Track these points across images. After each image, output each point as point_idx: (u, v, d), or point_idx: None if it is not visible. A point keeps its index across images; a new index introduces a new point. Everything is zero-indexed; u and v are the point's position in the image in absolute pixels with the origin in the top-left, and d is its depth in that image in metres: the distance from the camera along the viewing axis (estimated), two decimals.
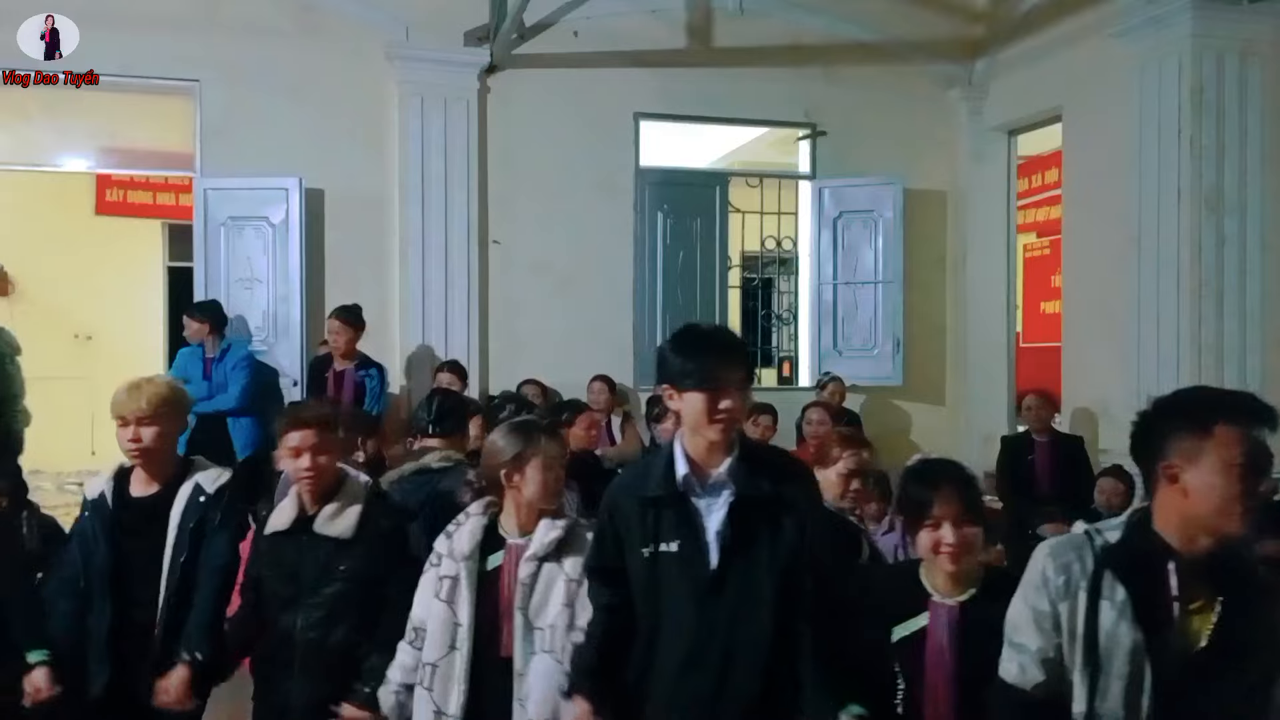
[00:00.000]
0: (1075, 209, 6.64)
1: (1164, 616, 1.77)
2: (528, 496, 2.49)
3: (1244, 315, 5.50)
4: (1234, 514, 1.74)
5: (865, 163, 7.26)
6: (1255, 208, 5.52)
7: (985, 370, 7.51)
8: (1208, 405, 1.81)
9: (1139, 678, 1.77)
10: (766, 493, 2.09)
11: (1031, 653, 1.86)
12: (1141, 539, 1.81)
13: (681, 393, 2.08)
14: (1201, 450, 1.75)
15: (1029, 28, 6.80)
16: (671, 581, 2.12)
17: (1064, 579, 1.82)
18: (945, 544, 2.10)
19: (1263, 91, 5.50)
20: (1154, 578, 1.78)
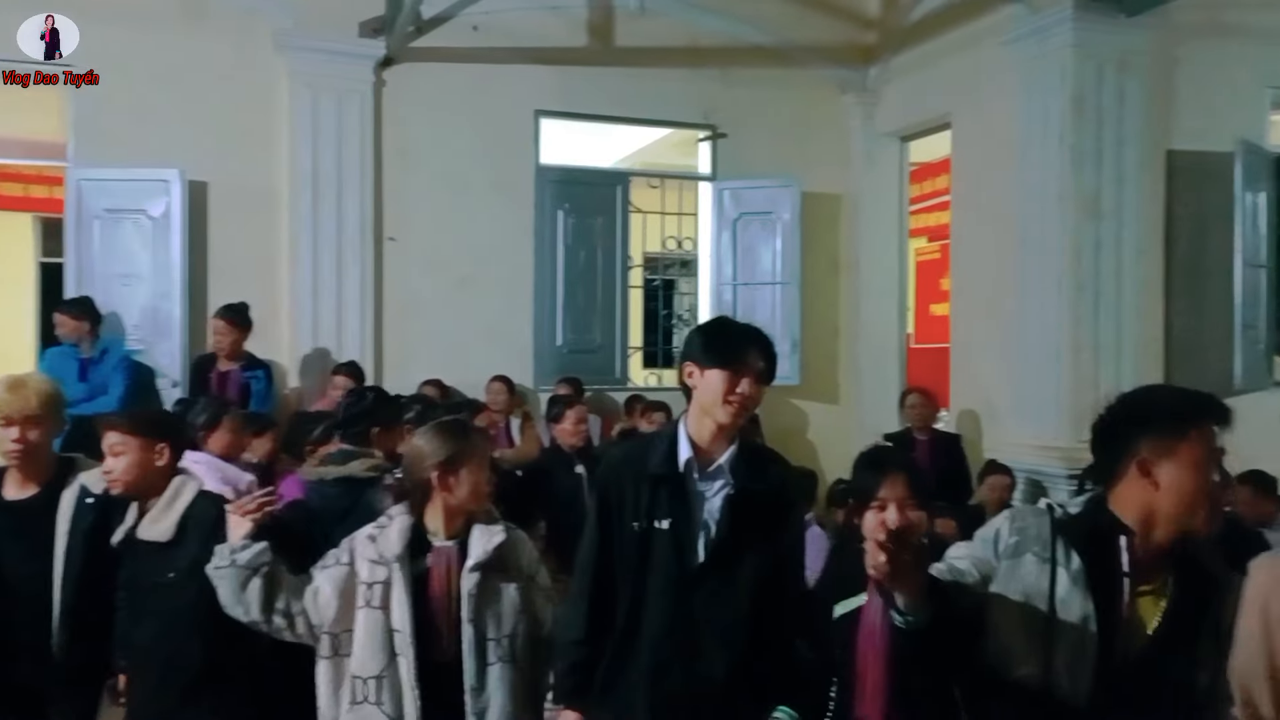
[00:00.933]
0: (963, 213, 6.85)
1: (1114, 590, 1.85)
2: (459, 499, 2.42)
3: (1119, 316, 5.75)
4: (1200, 511, 1.85)
5: (763, 165, 7.35)
6: (1131, 212, 5.77)
7: (878, 370, 7.68)
8: (1185, 406, 1.91)
9: (1086, 647, 1.84)
10: (765, 488, 2.16)
11: (952, 562, 1.97)
12: (1097, 516, 1.91)
13: (703, 370, 2.15)
14: (1176, 449, 1.84)
15: (919, 36, 6.99)
16: (657, 561, 2.16)
17: (1016, 540, 1.93)
18: (890, 525, 2.10)
19: (1138, 100, 5.74)
20: (1107, 551, 1.87)
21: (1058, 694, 1.86)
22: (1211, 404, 1.92)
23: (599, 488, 2.30)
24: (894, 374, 7.72)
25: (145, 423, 2.63)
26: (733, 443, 2.18)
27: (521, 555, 2.51)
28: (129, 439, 2.56)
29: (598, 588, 2.24)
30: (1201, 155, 5.95)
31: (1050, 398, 5.81)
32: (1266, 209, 6.18)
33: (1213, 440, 1.86)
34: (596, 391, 6.89)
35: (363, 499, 2.89)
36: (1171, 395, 1.99)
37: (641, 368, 8.39)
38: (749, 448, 2.22)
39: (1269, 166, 6.21)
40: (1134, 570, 1.86)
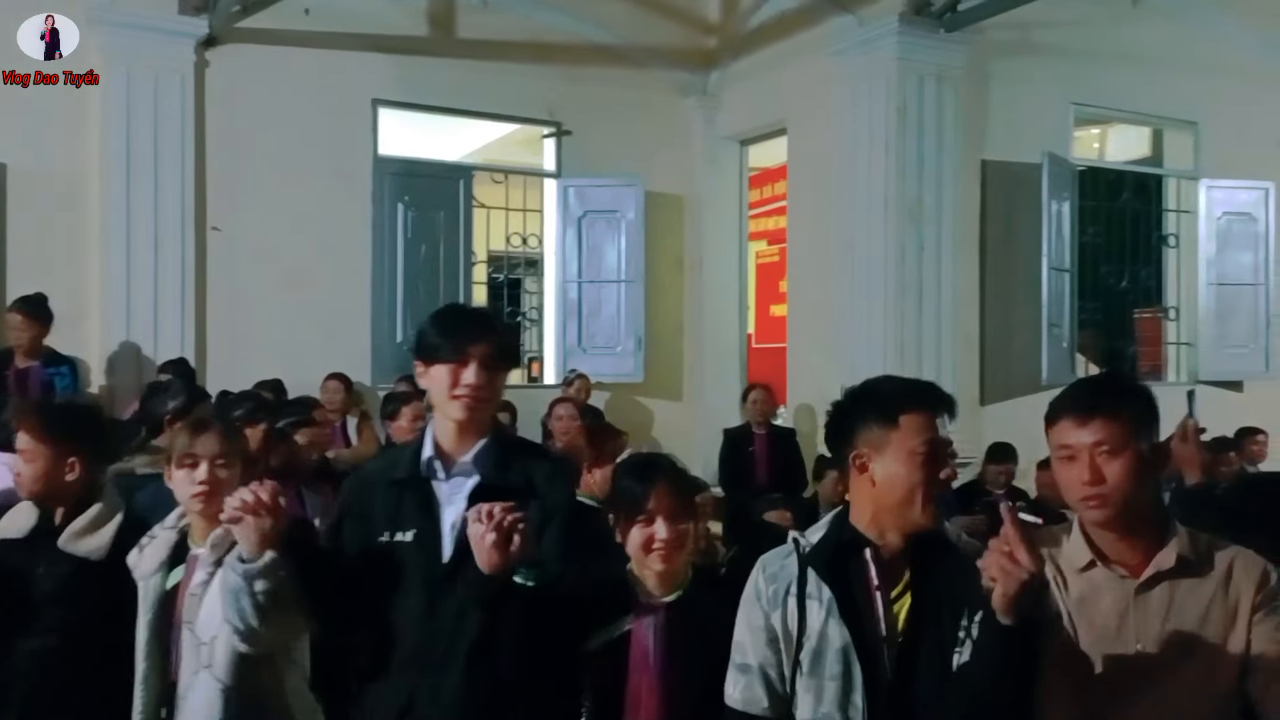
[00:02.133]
0: (798, 217, 7.09)
1: (868, 608, 1.78)
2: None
3: (939, 315, 6.08)
4: (918, 503, 1.77)
5: (608, 163, 7.38)
6: (949, 218, 6.11)
7: (720, 368, 7.85)
8: (892, 395, 1.83)
9: (850, 676, 1.76)
10: (512, 482, 1.97)
11: (754, 671, 1.81)
12: (839, 533, 1.84)
13: (429, 366, 1.99)
14: (888, 440, 1.77)
15: (756, 43, 7.19)
16: (404, 572, 1.97)
17: (774, 587, 1.82)
18: (658, 540, 1.99)
19: (955, 112, 6.09)
20: (856, 571, 1.80)
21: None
22: (922, 390, 1.86)
23: (341, 505, 2.12)
24: (735, 372, 7.91)
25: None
26: (482, 437, 2.01)
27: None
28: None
29: (353, 610, 2.04)
30: (1012, 165, 6.38)
31: None
32: (1070, 217, 6.67)
33: (929, 429, 1.77)
34: None
35: (138, 498, 2.65)
36: (884, 385, 1.90)
37: None
38: (500, 441, 2.06)
39: (1072, 177, 6.71)
40: (885, 580, 1.79)
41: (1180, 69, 6.97)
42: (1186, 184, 7.35)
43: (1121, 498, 1.65)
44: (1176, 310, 7.43)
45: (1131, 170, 7.58)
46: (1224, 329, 7.16)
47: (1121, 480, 1.64)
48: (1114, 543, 1.70)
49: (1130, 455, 1.65)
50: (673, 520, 1.99)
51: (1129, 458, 1.65)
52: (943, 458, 1.79)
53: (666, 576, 2.03)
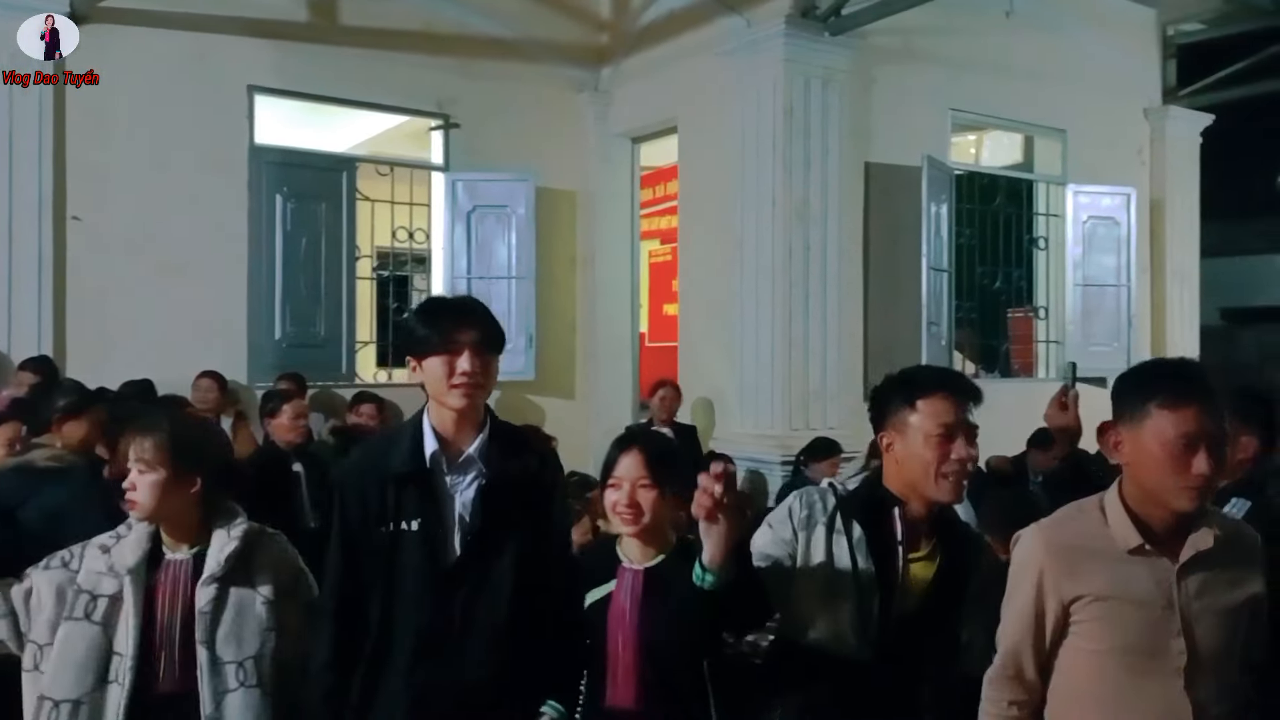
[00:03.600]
0: (689, 217, 7.14)
1: (890, 556, 2.01)
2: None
3: (825, 313, 6.20)
4: (932, 479, 1.98)
5: (499, 158, 7.28)
6: (835, 218, 6.24)
7: (613, 366, 7.85)
8: (913, 382, 2.05)
9: (869, 607, 1.98)
10: (519, 474, 2.04)
11: (760, 555, 2.04)
12: (872, 490, 2.08)
13: (421, 360, 2.02)
14: (907, 422, 2.01)
15: (648, 41, 7.21)
16: (409, 564, 2.01)
17: (806, 514, 2.07)
18: (620, 505, 2.09)
19: (840, 114, 6.22)
20: (882, 521, 2.03)
21: (844, 652, 1.98)
22: (940, 377, 2.07)
23: (338, 494, 2.10)
24: (628, 370, 7.92)
25: None
26: (482, 429, 2.05)
27: (275, 564, 2.26)
28: None
29: (345, 604, 2.05)
30: (894, 168, 6.56)
31: (766, 390, 6.18)
32: (948, 219, 6.90)
33: (946, 413, 1.97)
34: (322, 388, 6.53)
35: (46, 490, 2.66)
36: (911, 372, 2.13)
37: (376, 365, 8.07)
38: (502, 431, 2.10)
39: (950, 181, 6.95)
40: (906, 538, 2.01)
41: (1050, 80, 7.30)
42: (1055, 189, 7.70)
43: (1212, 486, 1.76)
44: (1046, 310, 7.77)
45: (1005, 175, 7.90)
46: (1089, 328, 7.53)
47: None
48: (1158, 525, 1.78)
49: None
50: (637, 486, 2.08)
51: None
52: (957, 439, 1.98)
53: (644, 543, 2.13)
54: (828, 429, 5.86)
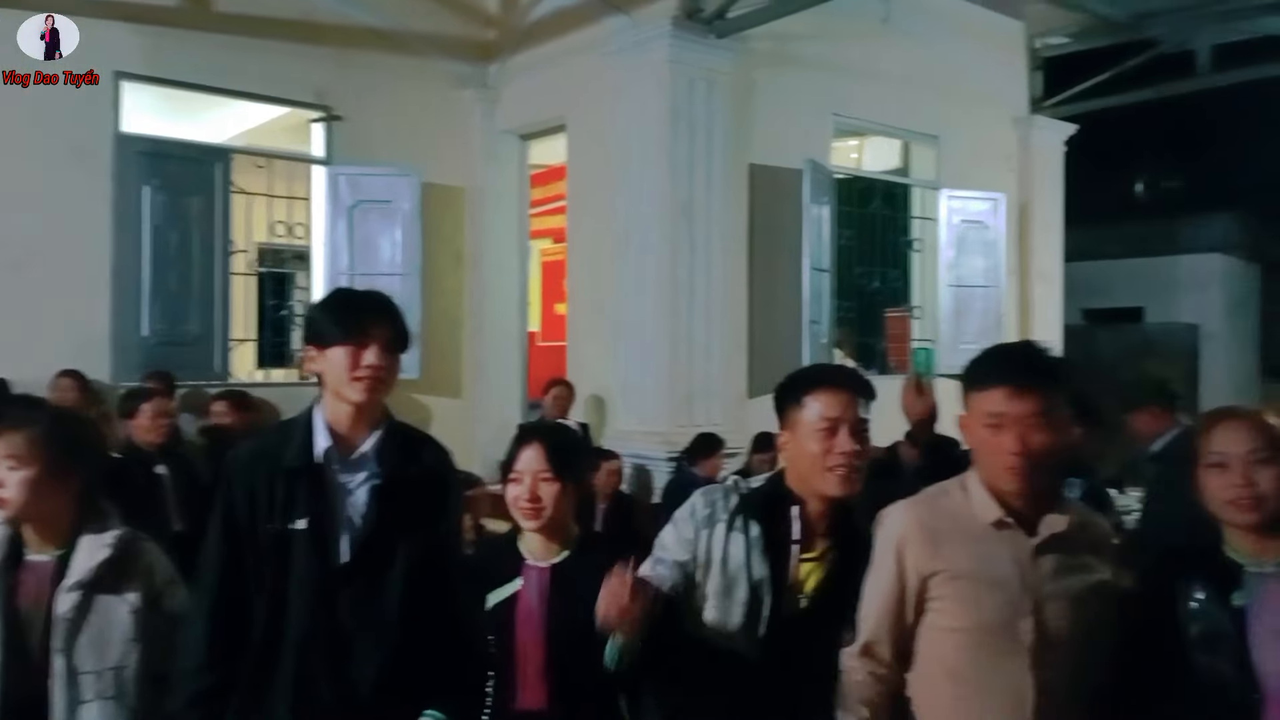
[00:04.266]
0: (577, 215, 7.14)
1: (784, 556, 1.99)
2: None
3: (709, 313, 6.29)
4: (820, 473, 1.96)
5: (383, 152, 7.13)
6: (719, 219, 6.33)
7: (501, 365, 7.79)
8: (802, 378, 2.07)
9: (759, 606, 1.97)
10: (415, 475, 1.98)
11: (668, 561, 2.03)
12: (775, 487, 2.07)
13: (324, 349, 1.95)
14: (795, 418, 2.02)
15: (536, 38, 7.18)
16: (296, 565, 1.92)
17: (708, 511, 2.04)
18: (521, 499, 2.10)
19: (724, 116, 6.32)
20: (780, 520, 2.01)
21: (734, 648, 1.97)
22: (825, 373, 2.10)
23: (225, 487, 2.00)
24: (516, 369, 7.87)
25: None
26: (378, 426, 1.98)
27: (146, 572, 2.15)
28: None
29: (224, 604, 1.95)
30: (776, 170, 6.71)
31: (652, 388, 6.23)
32: (829, 221, 7.10)
33: (830, 407, 1.97)
34: (193, 388, 6.27)
35: None
36: (804, 369, 2.18)
37: (256, 365, 7.81)
38: (399, 431, 2.03)
39: (830, 184, 7.14)
40: (804, 537, 2.00)
41: (924, 88, 7.58)
42: (929, 193, 8.01)
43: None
44: (921, 310, 8.07)
45: (882, 179, 8.16)
46: (961, 327, 7.85)
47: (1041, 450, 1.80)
48: (1016, 501, 1.83)
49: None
50: (538, 480, 2.09)
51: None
52: (842, 433, 1.97)
53: (548, 539, 2.14)
54: (712, 425, 5.95)
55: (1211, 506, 1.85)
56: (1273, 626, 1.75)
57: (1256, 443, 1.80)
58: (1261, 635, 1.75)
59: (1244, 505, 1.79)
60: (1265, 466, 1.79)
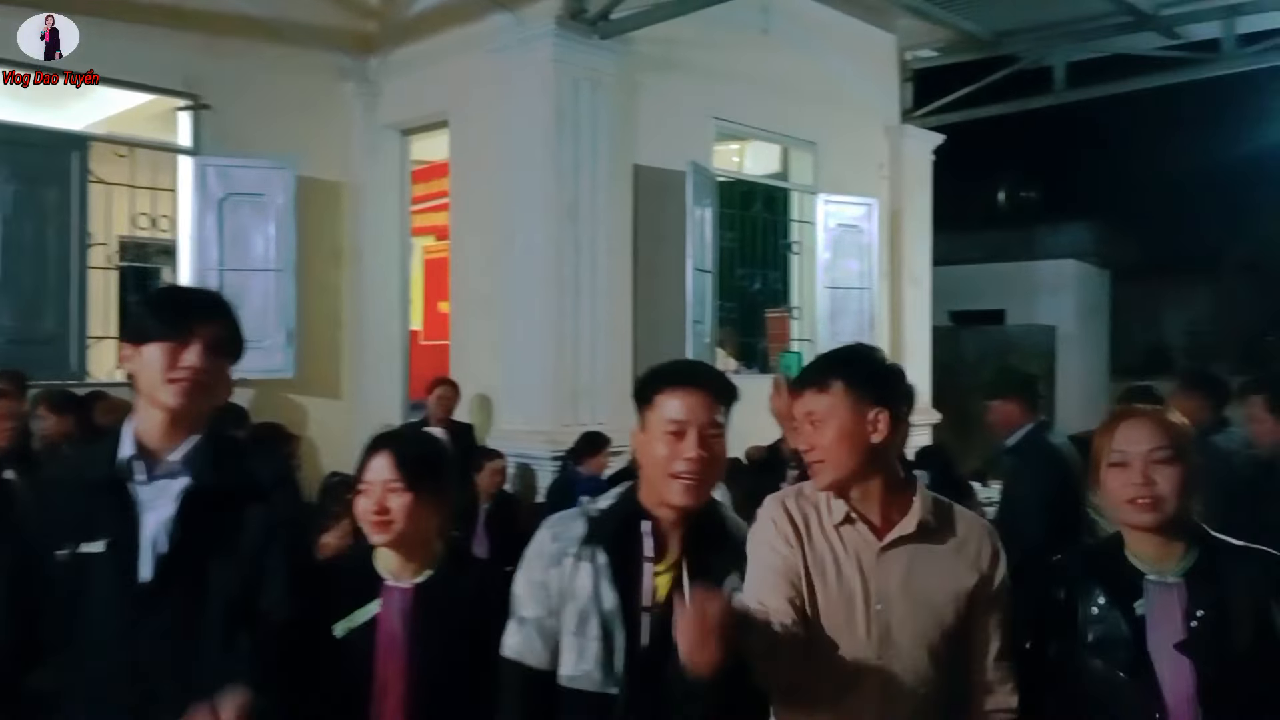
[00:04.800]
0: (460, 213, 7.06)
1: (637, 578, 1.83)
2: None
3: (594, 312, 6.32)
4: (666, 481, 1.81)
5: (256, 143, 6.88)
6: (604, 219, 6.36)
7: (382, 364, 7.63)
8: (657, 375, 1.90)
9: (612, 639, 1.81)
10: (230, 483, 1.76)
11: (530, 624, 1.85)
12: (625, 504, 1.90)
13: (140, 347, 1.74)
14: (648, 420, 1.86)
15: (418, 32, 7.06)
16: (93, 591, 1.69)
17: (556, 546, 1.87)
18: (368, 511, 1.95)
19: (609, 117, 6.35)
20: (632, 540, 1.85)
21: (590, 688, 1.82)
22: (676, 371, 1.90)
23: (12, 508, 1.87)
24: (398, 369, 7.72)
25: None
26: (195, 433, 1.78)
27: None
28: None
29: (9, 637, 1.74)
30: (661, 172, 6.79)
31: (537, 387, 6.22)
32: (712, 223, 7.22)
33: (678, 409, 1.82)
34: (47, 388, 5.90)
35: None
36: (658, 366, 1.95)
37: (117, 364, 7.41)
38: (216, 439, 1.83)
39: (712, 186, 7.26)
40: (657, 551, 1.85)
41: (803, 95, 7.80)
42: (807, 197, 8.24)
43: (833, 464, 1.80)
44: (799, 310, 8.30)
45: (763, 183, 8.36)
46: (837, 327, 8.10)
47: (827, 448, 1.80)
48: (861, 502, 1.84)
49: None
50: (388, 490, 1.94)
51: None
52: (690, 437, 1.81)
53: (409, 556, 1.98)
54: (597, 424, 5.98)
55: (1110, 506, 1.81)
56: (1169, 637, 1.72)
57: (1158, 442, 1.75)
58: (1158, 646, 1.72)
59: (1142, 505, 1.74)
60: (1165, 466, 1.74)
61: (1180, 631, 1.71)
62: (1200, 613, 1.71)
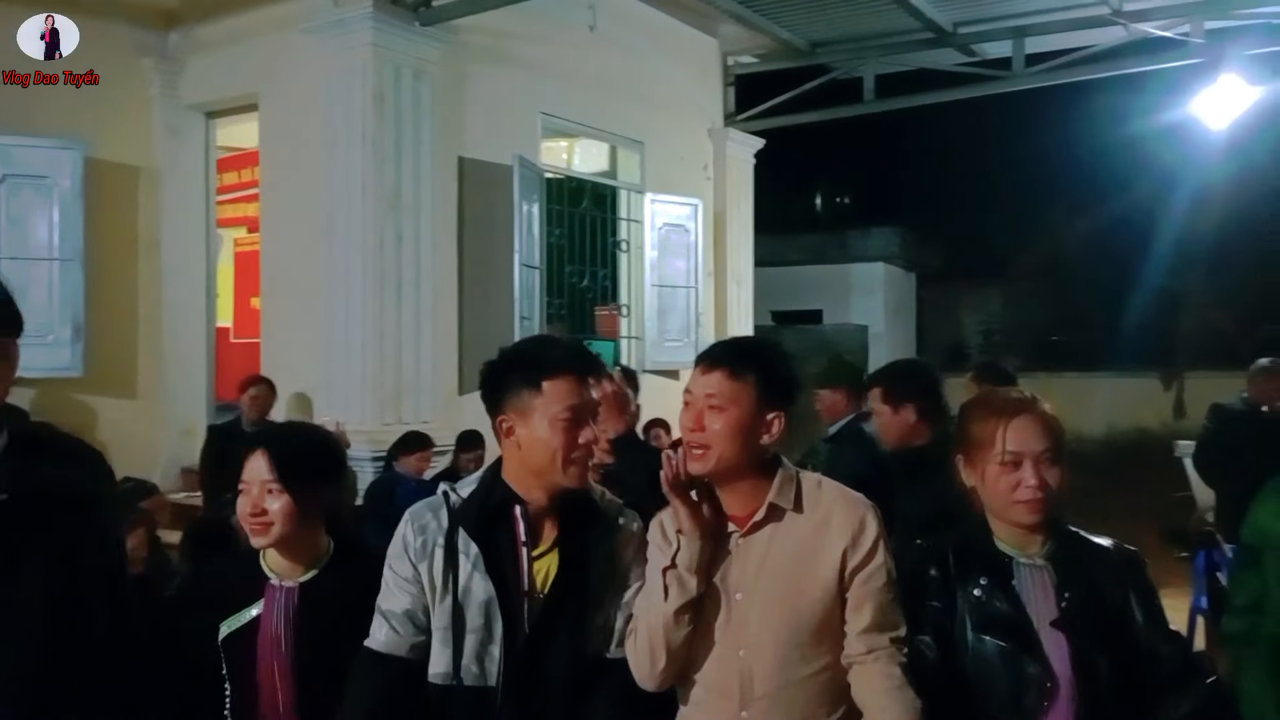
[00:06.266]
0: (273, 202, 6.69)
1: (513, 564, 1.79)
2: None
3: (419, 306, 6.12)
4: (559, 467, 1.78)
5: (37, 122, 6.26)
6: (428, 210, 6.18)
7: (186, 362, 7.15)
8: (537, 360, 1.82)
9: (490, 629, 1.77)
10: (38, 488, 1.56)
11: (398, 617, 1.80)
12: (490, 489, 1.84)
13: None
14: (532, 405, 1.78)
15: (225, 7, 6.65)
16: None
17: (421, 540, 1.80)
18: (246, 513, 1.89)
19: (433, 107, 6.17)
20: (504, 526, 1.81)
21: (469, 682, 1.77)
22: (565, 354, 1.84)
23: None
24: (203, 367, 7.26)
25: None
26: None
27: None
28: None
29: None
30: (487, 165, 6.66)
31: (357, 385, 5.97)
32: (539, 218, 7.16)
33: (572, 394, 1.79)
34: None
35: None
36: (530, 349, 1.90)
37: None
38: (25, 434, 1.64)
39: (540, 182, 7.20)
40: (531, 537, 1.81)
41: (630, 95, 7.87)
42: (635, 196, 8.31)
43: (717, 453, 1.76)
44: (628, 308, 8.37)
45: (591, 180, 8.37)
46: (664, 325, 8.24)
47: (717, 435, 1.75)
48: (724, 497, 1.81)
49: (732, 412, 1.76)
50: (266, 490, 1.89)
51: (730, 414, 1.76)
52: (585, 422, 1.81)
53: (288, 555, 1.94)
54: (421, 423, 5.80)
55: (997, 503, 1.80)
56: (1046, 615, 1.77)
57: (1048, 442, 1.77)
58: (1037, 623, 1.77)
59: (1033, 506, 1.76)
60: (1053, 466, 1.77)
61: (1054, 610, 1.77)
62: (1068, 594, 1.77)
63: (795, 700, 1.76)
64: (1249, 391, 6.12)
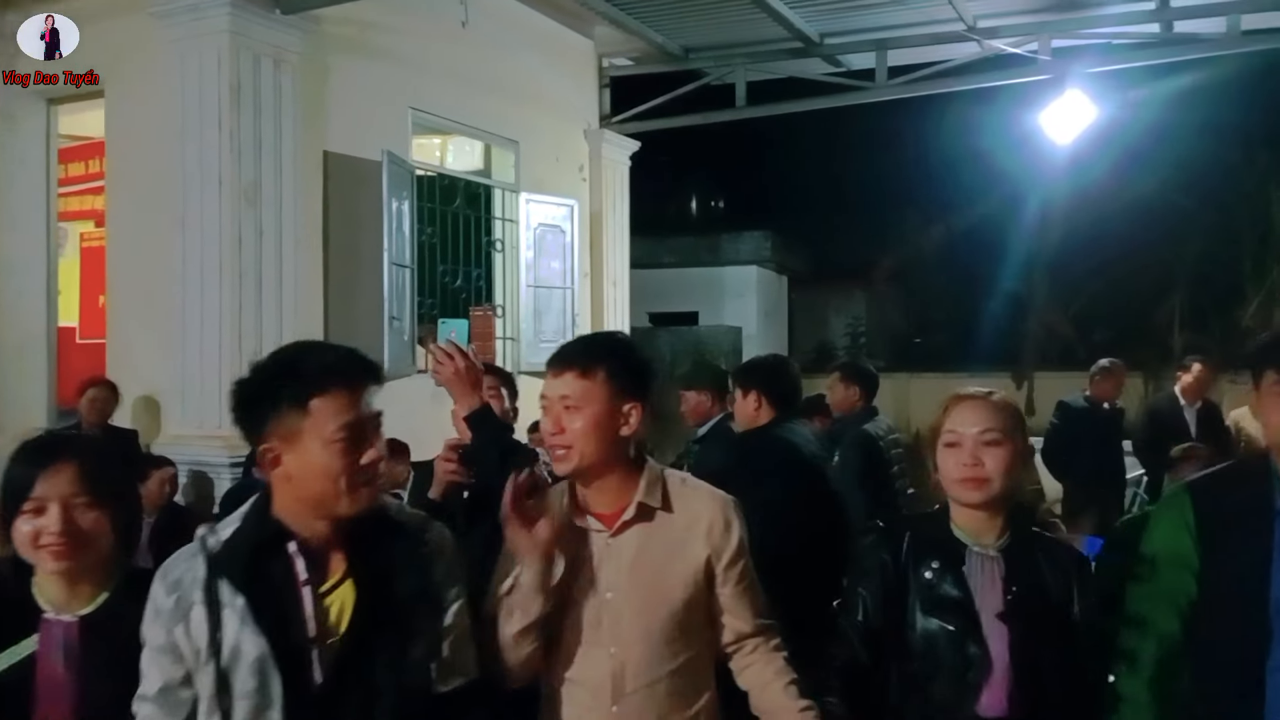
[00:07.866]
0: (121, 193, 6.31)
1: (295, 608, 1.54)
2: None
3: (280, 305, 5.87)
4: (343, 493, 1.56)
5: None
6: (290, 205, 5.92)
7: (22, 364, 6.66)
8: (302, 376, 1.57)
9: (267, 690, 1.52)
10: None
11: (152, 698, 1.55)
12: (257, 526, 1.59)
13: None
14: (301, 429, 1.54)
15: None
16: None
17: (175, 598, 1.54)
18: (47, 535, 1.64)
19: (294, 99, 5.92)
20: (278, 567, 1.56)
21: None
22: (334, 366, 1.59)
23: None
24: (43, 369, 6.77)
25: None
26: None
27: None
28: None
29: None
30: (354, 160, 6.45)
31: (214, 387, 5.65)
32: (410, 216, 6.98)
33: (347, 409, 1.56)
34: None
35: None
36: (294, 362, 1.61)
37: None
38: None
39: (410, 179, 7.03)
40: (315, 572, 1.57)
41: (504, 93, 7.77)
42: (510, 196, 8.22)
43: (579, 451, 1.77)
44: (503, 308, 8.26)
45: (465, 179, 8.23)
46: (540, 325, 8.17)
47: (577, 434, 1.77)
48: (591, 496, 1.82)
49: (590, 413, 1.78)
50: (71, 509, 1.66)
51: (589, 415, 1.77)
52: (367, 438, 1.58)
53: (75, 583, 1.70)
54: None
55: (945, 484, 1.91)
56: (993, 605, 1.85)
57: (987, 424, 1.86)
58: (983, 610, 1.85)
59: (970, 484, 1.85)
60: (993, 448, 1.85)
61: (999, 602, 1.86)
62: (1015, 588, 1.86)
63: (664, 692, 1.79)
64: (1090, 390, 6.57)
